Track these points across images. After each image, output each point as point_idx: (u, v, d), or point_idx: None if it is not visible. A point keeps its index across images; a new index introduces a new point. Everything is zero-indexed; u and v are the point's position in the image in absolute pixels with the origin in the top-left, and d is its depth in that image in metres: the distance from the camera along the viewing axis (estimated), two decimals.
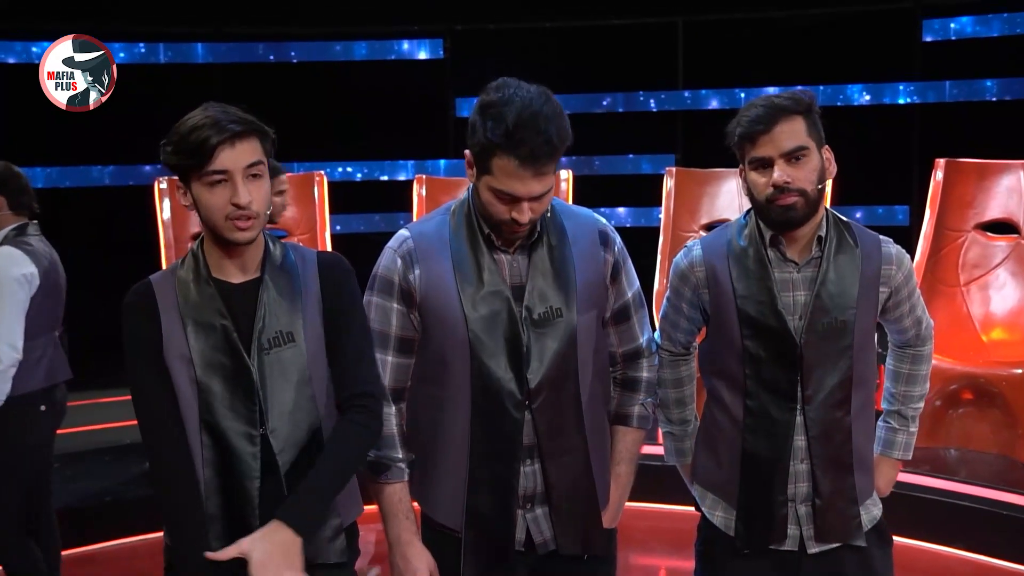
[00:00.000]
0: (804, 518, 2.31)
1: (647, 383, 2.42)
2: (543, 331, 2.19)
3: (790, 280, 2.28)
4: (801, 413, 2.27)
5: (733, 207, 6.41)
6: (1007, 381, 5.24)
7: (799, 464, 2.29)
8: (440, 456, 2.26)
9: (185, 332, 2.05)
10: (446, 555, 2.27)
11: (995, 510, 4.81)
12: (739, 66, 9.50)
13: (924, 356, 2.50)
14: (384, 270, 2.25)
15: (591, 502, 2.30)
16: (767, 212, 2.24)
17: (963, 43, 9.10)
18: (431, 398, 2.25)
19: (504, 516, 2.22)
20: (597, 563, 2.36)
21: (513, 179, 2.05)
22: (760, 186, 2.22)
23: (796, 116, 2.20)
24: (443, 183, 7.25)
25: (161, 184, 5.89)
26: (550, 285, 2.20)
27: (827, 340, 2.25)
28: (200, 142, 1.95)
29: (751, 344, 2.28)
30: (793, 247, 2.29)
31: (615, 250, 2.34)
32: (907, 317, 2.42)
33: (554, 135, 2.03)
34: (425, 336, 2.23)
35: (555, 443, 2.22)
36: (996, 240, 5.85)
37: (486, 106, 2.06)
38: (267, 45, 9.83)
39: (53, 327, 3.79)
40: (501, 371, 2.17)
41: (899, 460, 2.51)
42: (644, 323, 2.41)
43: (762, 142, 2.19)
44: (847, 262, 2.28)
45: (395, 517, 2.27)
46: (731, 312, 2.30)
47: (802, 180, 2.19)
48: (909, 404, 2.50)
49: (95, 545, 5.04)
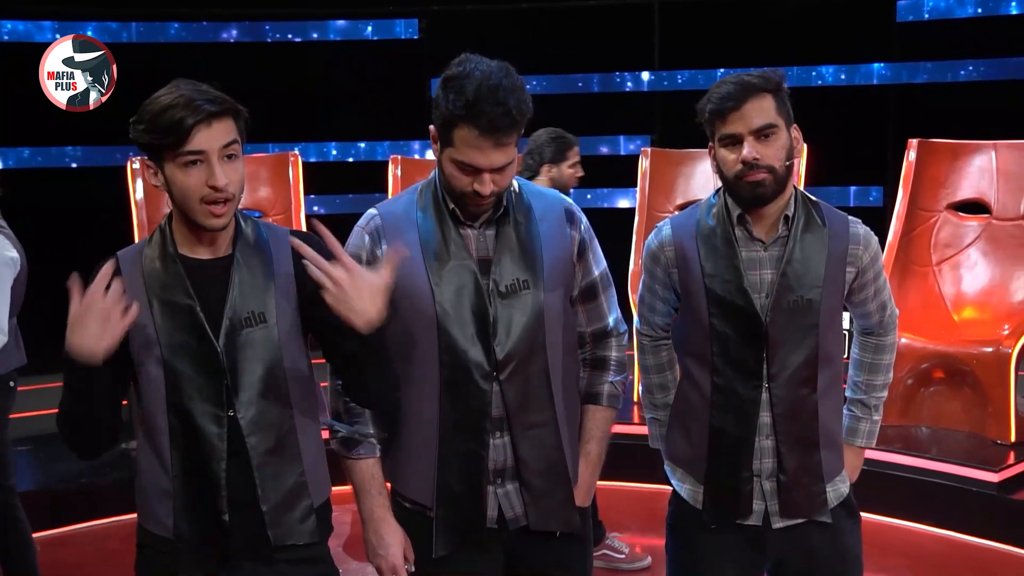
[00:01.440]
0: (769, 493, 2.33)
1: (616, 362, 2.42)
2: (510, 303, 2.20)
3: (757, 259, 2.30)
4: (767, 390, 2.29)
5: (708, 187, 6.39)
6: (977, 360, 5.29)
7: (764, 440, 2.31)
8: (410, 433, 2.27)
9: (151, 311, 2.02)
10: (417, 532, 2.28)
11: (965, 487, 4.88)
12: (716, 46, 9.50)
13: (887, 346, 2.52)
14: (352, 248, 2.25)
15: (563, 478, 2.30)
16: (736, 189, 2.27)
17: (938, 24, 9.14)
18: (400, 375, 2.23)
19: (474, 491, 2.23)
20: (572, 541, 2.36)
21: (474, 150, 2.07)
22: (729, 163, 2.25)
23: (766, 94, 2.22)
24: (419, 163, 7.23)
25: (134, 164, 5.84)
26: (517, 260, 2.22)
27: (793, 318, 2.27)
28: (175, 122, 1.90)
29: (718, 322, 2.30)
30: (760, 226, 2.30)
31: (581, 228, 2.35)
32: (872, 301, 2.44)
33: (513, 107, 2.04)
34: (393, 312, 2.20)
35: (524, 416, 2.23)
36: (968, 220, 5.90)
37: (448, 79, 2.09)
38: (241, 24, 9.74)
39: (16, 312, 3.76)
40: (468, 343, 2.18)
41: (862, 448, 2.55)
42: (612, 303, 2.42)
43: (732, 119, 2.22)
44: (814, 241, 2.30)
45: (367, 493, 2.28)
46: (699, 290, 2.32)
47: (771, 157, 2.22)
48: (872, 393, 2.53)
49: (70, 527, 5.04)
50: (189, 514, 2.07)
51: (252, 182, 6.07)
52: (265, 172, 6.27)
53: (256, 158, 6.55)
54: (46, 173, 9.14)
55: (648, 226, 6.46)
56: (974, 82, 9.06)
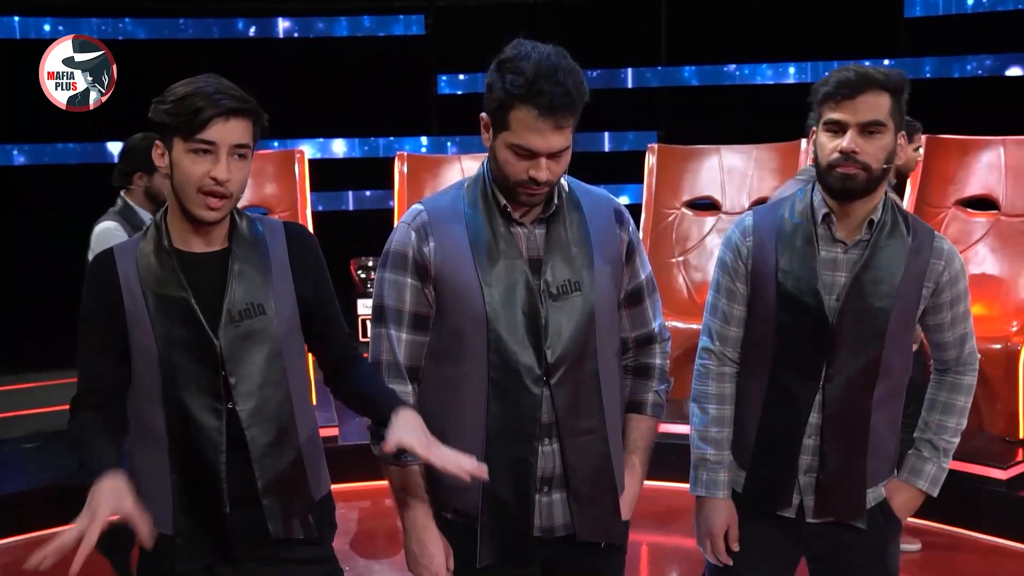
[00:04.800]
0: (806, 488, 2.31)
1: (660, 370, 2.35)
2: (561, 305, 2.13)
3: (834, 260, 2.26)
4: (821, 391, 2.26)
5: (715, 184, 6.40)
6: (986, 356, 5.24)
7: (808, 439, 2.28)
8: (454, 438, 2.12)
9: (147, 305, 2.02)
10: (458, 542, 2.20)
11: (974, 484, 4.86)
12: (723, 42, 9.48)
13: (963, 386, 2.42)
14: (397, 244, 2.18)
15: (610, 487, 2.23)
16: (827, 177, 2.22)
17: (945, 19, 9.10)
18: (445, 378, 2.17)
19: (522, 499, 2.15)
20: (611, 553, 2.28)
21: (532, 132, 2.01)
22: (827, 149, 2.20)
23: (884, 91, 2.18)
24: (425, 160, 7.21)
25: None
26: (568, 259, 2.15)
27: (860, 324, 2.23)
28: (196, 108, 1.94)
29: (784, 318, 2.26)
30: (843, 226, 2.26)
31: (629, 229, 2.29)
32: (948, 330, 2.36)
33: (572, 87, 1.99)
34: (440, 312, 2.16)
35: (574, 422, 2.15)
36: (976, 216, 5.87)
37: (504, 61, 2.03)
38: (248, 21, 9.75)
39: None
40: (518, 345, 2.10)
41: (923, 491, 2.40)
42: (657, 308, 2.36)
43: (843, 106, 2.18)
44: (895, 250, 2.25)
45: (411, 501, 2.20)
46: (771, 284, 2.29)
47: (870, 155, 2.18)
48: (942, 435, 2.41)
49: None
50: (189, 509, 2.06)
51: (258, 178, 6.07)
52: (271, 168, 6.26)
53: (262, 155, 6.54)
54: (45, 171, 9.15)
55: (655, 223, 6.44)
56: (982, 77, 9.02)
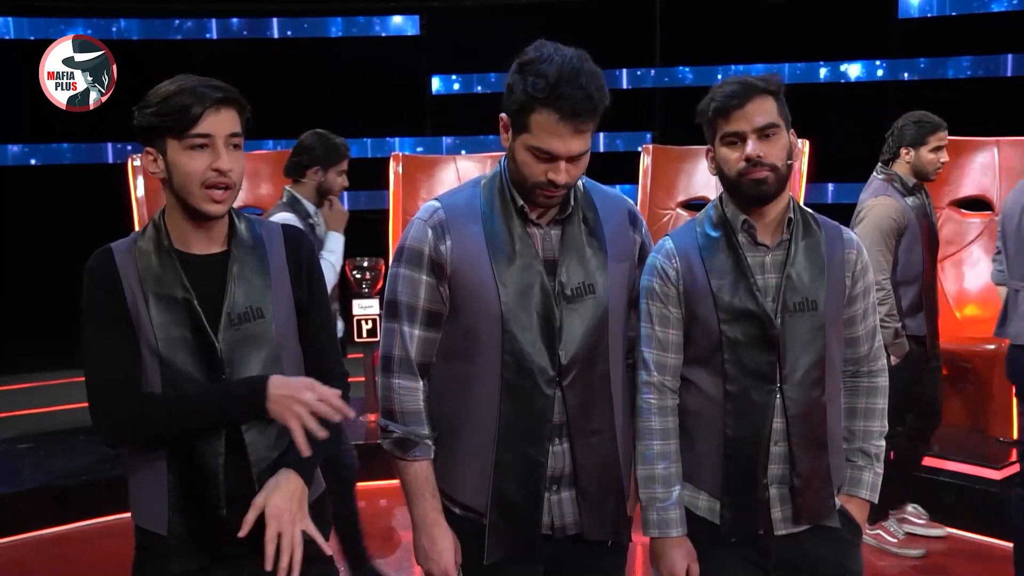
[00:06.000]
0: (776, 500, 2.31)
1: None
2: (575, 307, 2.14)
3: (761, 263, 2.29)
4: (779, 394, 2.27)
5: (710, 184, 6.41)
6: (980, 357, 5.28)
7: (775, 446, 2.29)
8: (465, 436, 2.18)
9: (147, 305, 2.01)
10: (467, 539, 2.21)
11: (969, 484, 4.88)
12: (717, 43, 9.49)
13: (880, 389, 2.46)
14: (413, 241, 2.17)
15: (618, 487, 2.25)
16: (738, 187, 2.27)
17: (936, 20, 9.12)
18: (458, 376, 2.18)
19: (531, 499, 2.16)
20: (614, 552, 2.31)
21: (552, 136, 2.02)
22: (732, 161, 2.26)
23: (768, 96, 2.25)
24: (420, 160, 7.21)
25: (135, 161, 5.82)
26: (583, 261, 2.17)
27: (801, 321, 2.27)
28: (186, 105, 1.93)
29: (728, 328, 2.27)
30: (764, 230, 2.30)
31: (642, 231, 2.32)
32: (860, 322, 2.40)
33: (594, 91, 2.01)
34: (454, 310, 2.16)
35: (585, 423, 2.17)
36: (970, 217, 5.89)
37: (525, 64, 2.03)
38: (242, 21, 9.74)
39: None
40: (532, 346, 2.11)
41: (867, 500, 2.43)
42: None
43: (735, 117, 2.23)
44: (814, 244, 2.31)
45: (421, 496, 2.20)
46: (707, 299, 2.29)
47: (773, 156, 2.23)
48: (870, 441, 2.44)
49: (70, 525, 5.03)
50: (185, 510, 2.06)
51: (253, 179, 6.07)
52: (266, 169, 6.26)
53: (257, 155, 6.54)
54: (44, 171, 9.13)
55: (650, 223, 6.44)
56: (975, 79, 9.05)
